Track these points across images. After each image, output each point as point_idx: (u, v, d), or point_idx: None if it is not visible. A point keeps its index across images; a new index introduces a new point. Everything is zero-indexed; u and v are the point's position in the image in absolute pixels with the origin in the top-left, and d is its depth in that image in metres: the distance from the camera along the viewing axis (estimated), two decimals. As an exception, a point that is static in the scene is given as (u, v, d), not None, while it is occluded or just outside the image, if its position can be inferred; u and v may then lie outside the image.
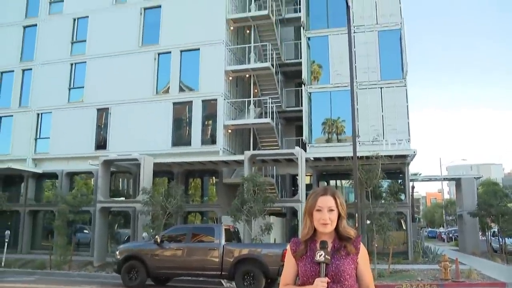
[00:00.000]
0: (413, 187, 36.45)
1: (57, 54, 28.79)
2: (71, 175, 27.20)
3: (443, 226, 60.70)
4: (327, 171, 24.66)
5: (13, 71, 29.68)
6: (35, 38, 29.66)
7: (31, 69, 29.31)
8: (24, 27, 30.25)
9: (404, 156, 22.26)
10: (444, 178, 42.84)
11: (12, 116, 29.14)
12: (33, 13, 30.17)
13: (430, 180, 40.07)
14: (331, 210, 2.95)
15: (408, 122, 23.29)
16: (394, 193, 22.79)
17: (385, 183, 23.52)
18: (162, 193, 22.16)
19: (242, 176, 20.97)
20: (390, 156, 21.11)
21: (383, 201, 22.25)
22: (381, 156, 19.55)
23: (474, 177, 29.94)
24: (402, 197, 23.47)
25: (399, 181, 23.75)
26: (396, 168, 23.00)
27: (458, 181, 30.98)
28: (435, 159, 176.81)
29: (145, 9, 27.62)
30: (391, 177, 23.39)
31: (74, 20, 29.09)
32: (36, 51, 29.42)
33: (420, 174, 44.69)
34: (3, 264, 20.67)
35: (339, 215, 2.98)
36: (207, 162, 23.91)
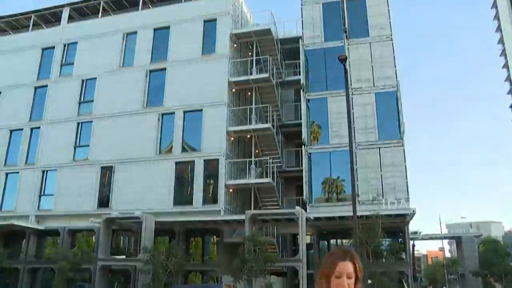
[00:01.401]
0: (413, 246, 36.32)
1: (65, 113, 29.74)
2: (73, 233, 27.31)
3: (446, 286, 59.61)
4: (327, 231, 24.80)
5: (22, 129, 30.59)
6: (45, 98, 30.76)
7: (39, 127, 30.16)
8: (36, 88, 31.45)
9: (403, 215, 22.46)
10: (444, 237, 42.63)
11: (18, 173, 29.67)
12: (45, 75, 31.47)
13: (430, 238, 39.94)
14: (350, 277, 2.83)
15: (407, 181, 23.58)
16: (394, 252, 22.83)
17: (385, 242, 23.54)
18: (163, 252, 22.30)
19: (243, 235, 21.19)
20: (390, 215, 21.37)
21: (384, 260, 22.35)
22: (381, 215, 19.85)
23: (475, 236, 30.05)
24: (403, 256, 23.46)
25: (399, 239, 23.83)
26: (396, 227, 23.12)
27: (458, 240, 31.06)
28: (434, 216, 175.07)
29: (150, 71, 28.74)
30: (391, 236, 23.47)
31: (83, 81, 30.24)
32: (45, 111, 30.40)
33: (420, 233, 44.58)
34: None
35: (356, 278, 2.87)
36: (208, 221, 24.10)
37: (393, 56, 25.77)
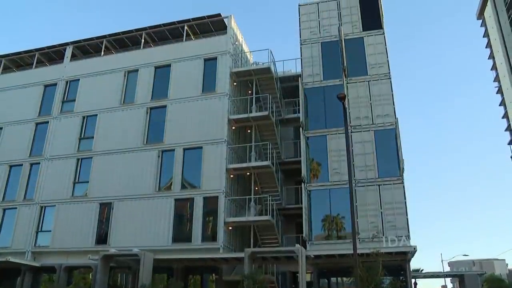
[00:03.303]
0: (415, 284, 35.86)
1: (65, 149, 29.91)
2: (70, 270, 26.95)
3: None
4: (327, 269, 24.52)
5: (21, 165, 30.68)
6: (46, 134, 30.96)
7: (39, 163, 30.24)
8: (37, 124, 31.72)
9: (404, 253, 22.28)
10: (447, 275, 42.04)
11: (16, 208, 29.55)
12: (46, 111, 31.82)
13: (432, 276, 39.42)
14: None
15: (407, 218, 23.45)
16: (397, 291, 22.49)
17: (386, 280, 23.24)
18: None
19: (243, 273, 20.95)
20: (391, 253, 21.19)
21: (385, 300, 22.03)
22: (382, 253, 19.67)
23: (478, 274, 29.65)
24: (405, 295, 23.10)
25: (401, 277, 23.48)
26: (397, 265, 22.86)
27: (461, 278, 30.62)
28: (435, 254, 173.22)
29: (151, 108, 29.05)
30: (392, 274, 23.14)
31: (84, 118, 30.52)
32: (46, 146, 30.55)
33: (421, 270, 44.05)
34: None
35: None
36: (207, 259, 23.86)
37: (391, 93, 26.11)
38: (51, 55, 34.88)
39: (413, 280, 27.20)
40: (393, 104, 25.95)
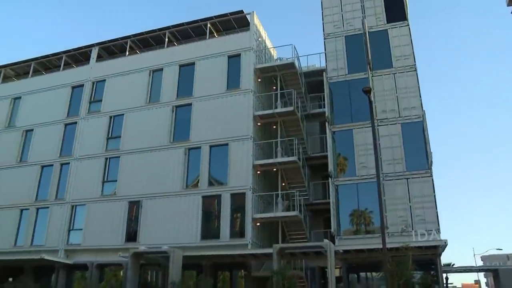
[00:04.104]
0: (447, 278, 35.34)
1: (93, 149, 30.44)
2: (101, 267, 27.46)
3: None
4: (356, 263, 24.36)
5: (52, 165, 31.37)
6: (74, 135, 31.59)
7: (68, 163, 30.87)
8: (66, 125, 32.38)
9: (435, 247, 21.98)
10: (480, 269, 41.06)
11: (48, 208, 30.24)
12: (74, 112, 32.45)
13: (465, 271, 38.72)
14: None
15: (437, 212, 23.12)
16: (427, 285, 22.23)
17: (417, 275, 22.98)
18: (191, 286, 22.22)
19: (271, 269, 21.00)
20: (420, 247, 20.95)
21: (416, 295, 21.78)
22: (411, 247, 19.46)
23: (513, 268, 28.99)
24: (436, 289, 22.80)
25: (432, 272, 23.19)
26: (427, 259, 22.59)
27: (495, 272, 30.01)
28: (467, 247, 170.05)
29: (176, 107, 29.28)
30: (422, 268, 22.88)
31: (111, 117, 31.00)
32: (75, 147, 31.16)
33: (453, 265, 43.34)
34: None
35: None
36: (235, 255, 23.98)
37: (417, 86, 25.69)
38: (78, 56, 35.48)
39: (444, 275, 26.82)
40: (420, 96, 25.53)
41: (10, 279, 28.04)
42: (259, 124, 27.78)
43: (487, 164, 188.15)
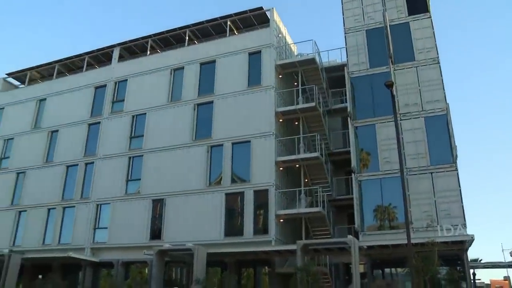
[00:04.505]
0: (474, 274, 34.73)
1: (116, 148, 30.82)
2: (127, 265, 27.84)
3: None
4: (381, 259, 24.17)
5: (77, 165, 31.87)
6: (98, 134, 32.03)
7: (93, 162, 31.33)
8: (89, 125, 32.83)
9: (461, 242, 21.66)
10: (509, 265, 40.13)
11: (74, 206, 30.77)
12: (98, 112, 32.90)
13: (493, 267, 37.96)
14: None
15: (463, 206, 22.76)
16: (454, 281, 21.93)
17: (443, 271, 22.68)
18: (215, 283, 22.35)
19: (295, 265, 20.98)
20: (446, 243, 20.69)
21: (442, 290, 21.51)
22: (437, 242, 19.23)
23: (545, 264, 28.28)
24: (463, 285, 22.47)
25: (458, 268, 22.88)
26: (453, 255, 22.29)
27: (525, 268, 29.28)
28: (495, 242, 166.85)
29: (198, 105, 29.42)
30: (449, 264, 22.63)
31: (133, 117, 31.32)
32: (98, 146, 31.59)
33: (480, 260, 42.59)
34: None
35: None
36: (259, 252, 24.01)
37: (441, 78, 25.30)
38: (100, 57, 35.92)
39: (471, 271, 26.40)
40: (443, 89, 25.15)
41: (40, 277, 28.66)
42: (281, 120, 27.73)
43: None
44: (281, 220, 25.39)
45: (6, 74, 38.96)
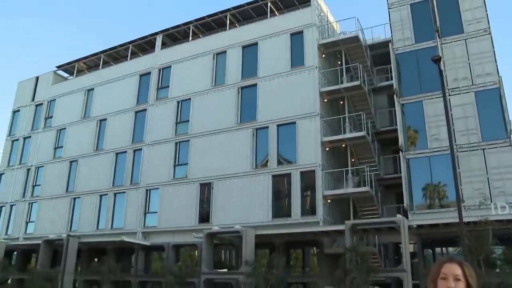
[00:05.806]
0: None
1: (163, 134, 31.40)
2: (177, 248, 28.51)
3: None
4: (431, 239, 23.66)
5: (126, 152, 32.72)
6: (145, 121, 32.71)
7: (141, 149, 32.09)
8: (136, 112, 33.57)
9: (517, 220, 20.90)
10: None
11: (125, 192, 31.68)
12: (143, 99, 33.55)
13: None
14: (457, 280, 2.67)
15: (518, 183, 21.94)
16: (511, 261, 21.24)
17: (498, 250, 21.98)
18: (264, 264, 22.54)
19: (344, 246, 20.86)
20: (501, 221, 19.99)
21: (498, 270, 20.86)
22: (491, 221, 18.63)
23: None
24: (522, 265, 21.72)
25: (515, 247, 22.11)
26: (509, 234, 21.53)
27: None
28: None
29: (242, 88, 29.49)
30: (504, 243, 21.88)
31: (178, 103, 31.77)
32: (145, 133, 32.27)
33: (538, 239, 41.06)
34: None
35: (468, 285, 2.68)
36: (307, 233, 24.02)
37: (492, 50, 24.21)
38: (143, 45, 36.53)
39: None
40: (495, 62, 24.09)
41: (95, 260, 29.82)
42: (325, 100, 27.43)
43: None
44: (329, 201, 25.28)
45: (56, 67, 40.41)
